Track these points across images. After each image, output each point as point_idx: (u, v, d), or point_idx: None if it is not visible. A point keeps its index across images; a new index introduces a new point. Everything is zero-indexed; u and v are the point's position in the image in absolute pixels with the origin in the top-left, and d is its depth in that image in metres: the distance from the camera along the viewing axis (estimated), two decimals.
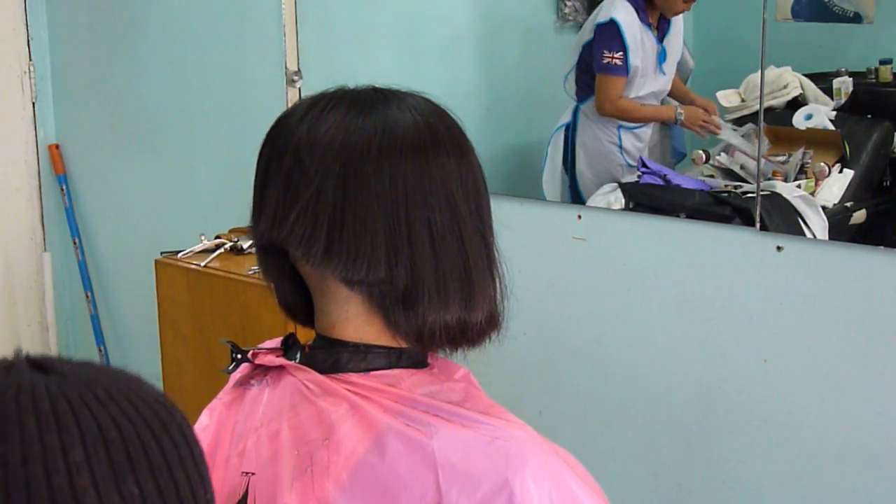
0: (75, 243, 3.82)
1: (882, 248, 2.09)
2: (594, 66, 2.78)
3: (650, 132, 2.86)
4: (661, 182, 2.63)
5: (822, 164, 2.48)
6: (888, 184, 2.52)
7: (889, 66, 2.56)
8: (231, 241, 2.90)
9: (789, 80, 2.60)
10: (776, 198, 2.38)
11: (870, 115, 2.57)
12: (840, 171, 2.50)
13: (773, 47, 2.35)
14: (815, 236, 2.33)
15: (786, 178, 2.50)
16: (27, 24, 3.79)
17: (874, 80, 2.59)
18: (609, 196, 2.65)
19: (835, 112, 2.56)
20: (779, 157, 2.54)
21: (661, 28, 2.76)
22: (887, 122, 2.54)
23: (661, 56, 2.77)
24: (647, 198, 2.59)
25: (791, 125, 2.57)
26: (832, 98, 2.58)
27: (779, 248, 2.20)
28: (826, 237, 2.35)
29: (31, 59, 3.81)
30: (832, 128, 2.56)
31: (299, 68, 3.00)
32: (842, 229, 2.43)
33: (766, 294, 2.22)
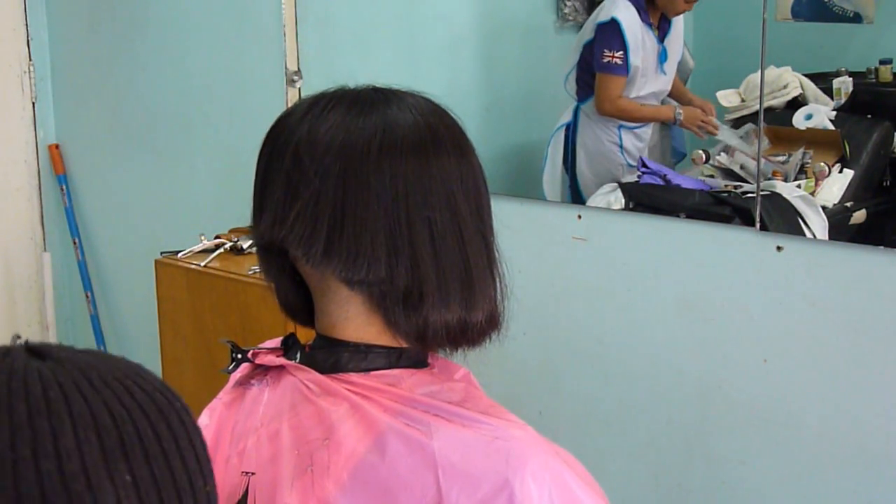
0: (75, 243, 3.82)
1: (882, 248, 2.09)
2: (594, 65, 2.78)
3: (650, 132, 2.86)
4: (661, 182, 2.63)
5: (822, 164, 2.48)
6: (888, 184, 2.51)
7: (889, 66, 2.56)
8: (231, 241, 2.89)
9: (789, 80, 2.60)
10: (776, 198, 2.38)
11: (870, 115, 2.57)
12: (840, 171, 2.49)
13: (773, 47, 2.35)
14: (815, 236, 2.33)
15: (786, 178, 2.50)
16: (27, 24, 3.79)
17: (874, 80, 2.59)
18: (609, 196, 2.65)
19: (835, 112, 2.56)
20: (779, 157, 2.54)
21: (662, 28, 2.76)
22: (887, 122, 2.53)
23: (662, 56, 2.77)
24: (647, 198, 2.59)
25: (791, 125, 2.57)
26: (832, 98, 2.58)
27: (779, 248, 2.20)
28: (826, 237, 2.35)
29: (31, 59, 3.81)
30: (832, 128, 2.56)
31: (299, 68, 3.00)
32: (842, 229, 2.43)
33: (766, 294, 2.22)
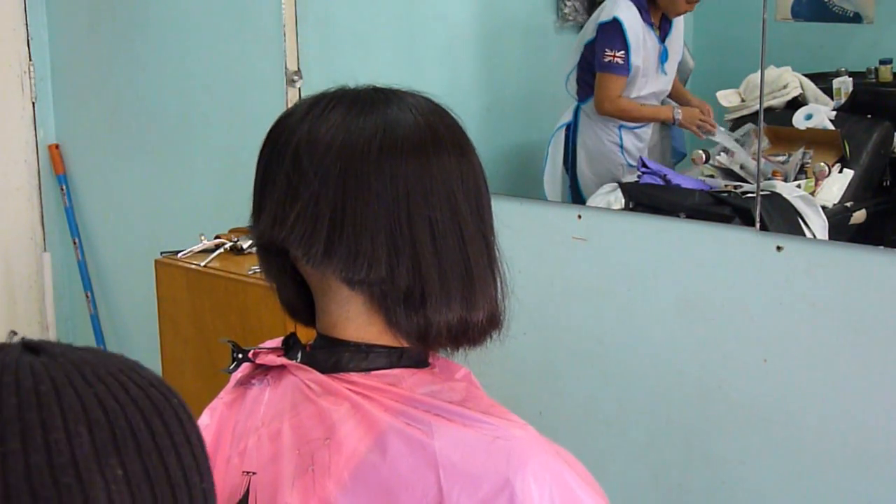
0: (75, 243, 3.82)
1: (882, 248, 2.09)
2: (595, 64, 2.78)
3: (650, 132, 2.86)
4: (661, 182, 2.63)
5: (822, 164, 2.48)
6: (888, 184, 2.52)
7: (889, 66, 2.56)
8: (231, 241, 2.89)
9: (789, 80, 2.60)
10: (776, 198, 2.38)
11: (870, 115, 2.57)
12: (840, 171, 2.50)
13: (773, 47, 2.35)
14: (815, 236, 2.33)
15: (786, 178, 2.50)
16: (27, 24, 3.79)
17: (874, 80, 2.59)
18: (609, 196, 2.65)
19: (835, 112, 2.56)
20: (779, 157, 2.54)
21: (663, 28, 2.76)
22: (887, 122, 2.54)
23: (663, 56, 2.77)
24: (647, 198, 2.59)
25: (791, 125, 2.57)
26: (832, 98, 2.58)
27: (779, 248, 2.20)
28: (826, 237, 2.35)
29: (31, 59, 3.81)
30: (832, 128, 2.56)
31: (299, 68, 3.00)
32: (842, 229, 2.43)
33: (766, 294, 2.22)
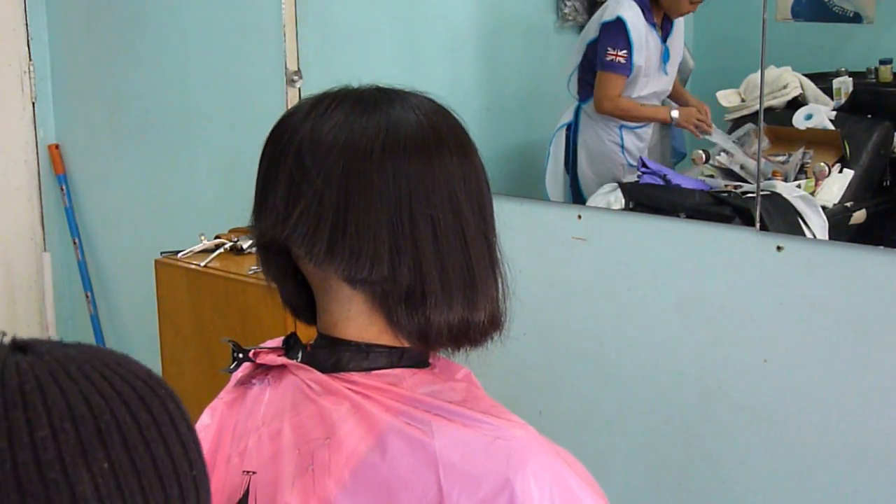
0: (75, 243, 3.82)
1: (882, 248, 2.09)
2: (597, 63, 2.78)
3: (651, 132, 2.86)
4: (661, 182, 2.63)
5: (822, 164, 2.48)
6: (888, 184, 2.52)
7: (889, 66, 2.56)
8: (231, 241, 2.89)
9: (789, 80, 2.60)
10: (776, 198, 2.38)
11: (870, 115, 2.57)
12: (840, 171, 2.50)
13: (773, 47, 2.35)
14: (815, 236, 2.33)
15: (786, 178, 2.50)
16: (27, 24, 3.79)
17: (874, 80, 2.59)
18: (609, 196, 2.65)
19: (835, 112, 2.56)
20: (779, 157, 2.54)
21: (665, 28, 2.76)
22: (887, 122, 2.54)
23: (665, 56, 2.77)
24: (647, 198, 2.59)
25: (791, 125, 2.57)
26: (832, 98, 2.58)
27: (779, 248, 2.20)
28: (826, 237, 2.35)
29: (30, 59, 3.81)
30: (832, 128, 2.56)
31: (299, 68, 3.00)
32: (842, 229, 2.43)
33: (766, 294, 2.22)
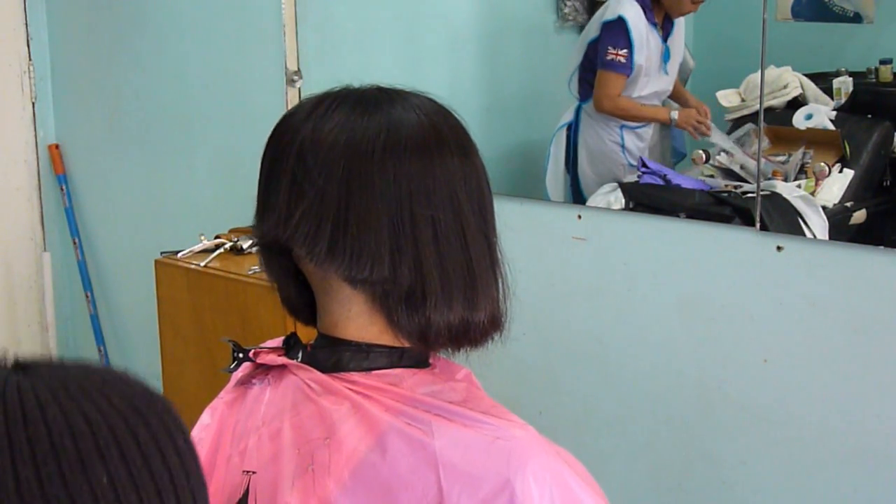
0: (75, 243, 3.82)
1: (882, 248, 2.09)
2: (598, 62, 2.78)
3: (651, 132, 2.86)
4: (661, 182, 2.63)
5: (822, 164, 2.48)
6: (888, 184, 2.52)
7: (889, 66, 2.56)
8: (231, 241, 2.89)
9: (789, 80, 2.60)
10: (776, 198, 2.38)
11: (870, 115, 2.57)
12: (840, 171, 2.50)
13: (773, 47, 2.35)
14: (815, 236, 2.33)
15: (786, 178, 2.50)
16: (27, 24, 3.79)
17: (874, 80, 2.59)
18: (609, 196, 2.65)
19: (835, 112, 2.57)
20: (779, 157, 2.55)
21: (666, 28, 2.77)
22: (887, 122, 2.54)
23: (666, 55, 2.77)
24: (647, 198, 2.59)
25: (791, 125, 2.57)
26: (832, 98, 2.59)
27: (779, 248, 2.20)
28: (826, 237, 2.35)
29: (30, 59, 3.81)
30: (832, 128, 2.56)
31: (299, 68, 2.99)
32: (842, 229, 2.43)
33: (766, 294, 2.22)
